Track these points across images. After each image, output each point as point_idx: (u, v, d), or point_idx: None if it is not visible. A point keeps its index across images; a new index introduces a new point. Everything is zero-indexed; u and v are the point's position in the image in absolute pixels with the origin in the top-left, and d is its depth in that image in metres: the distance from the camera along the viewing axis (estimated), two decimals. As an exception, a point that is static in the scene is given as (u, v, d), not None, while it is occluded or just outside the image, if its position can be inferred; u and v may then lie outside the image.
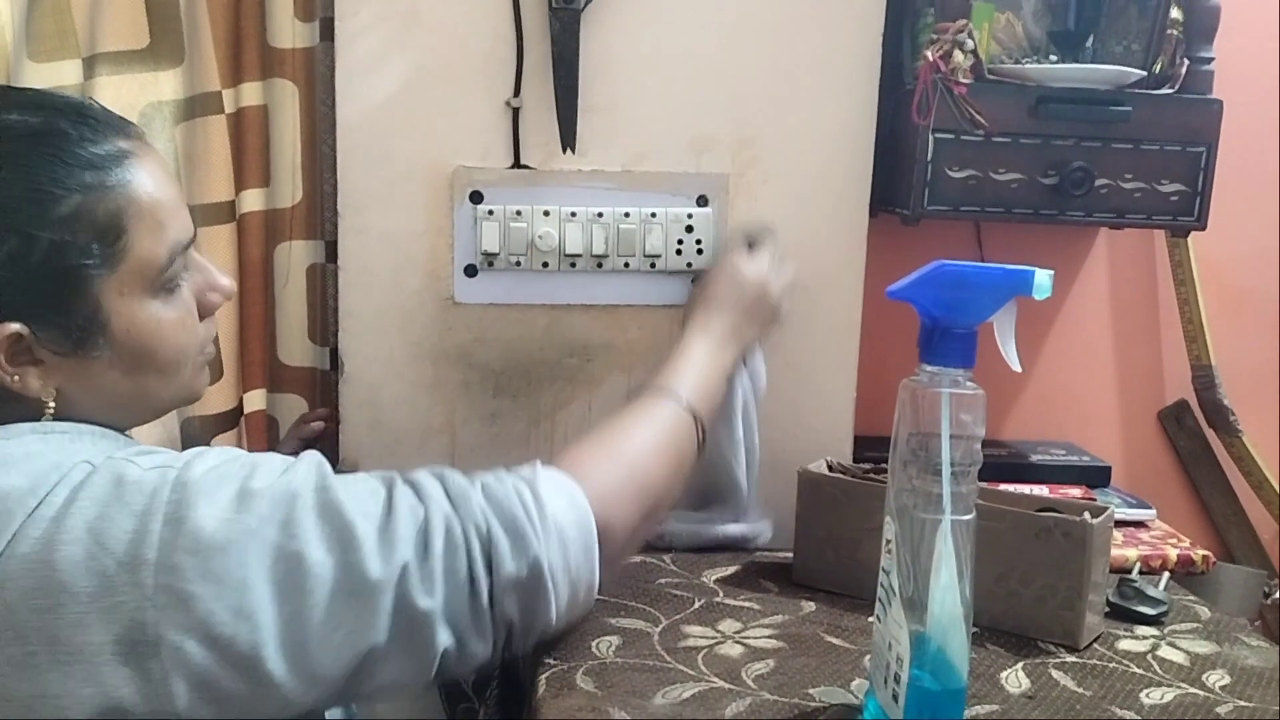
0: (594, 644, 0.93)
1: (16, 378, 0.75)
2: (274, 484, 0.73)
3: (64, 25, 1.17)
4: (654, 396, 0.97)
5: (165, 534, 0.69)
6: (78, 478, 0.71)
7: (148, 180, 0.79)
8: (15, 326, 0.74)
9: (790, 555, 1.10)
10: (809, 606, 1.03)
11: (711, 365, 1.04)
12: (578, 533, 0.79)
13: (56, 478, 0.70)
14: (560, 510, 0.79)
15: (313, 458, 0.78)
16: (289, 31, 1.20)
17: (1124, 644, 0.96)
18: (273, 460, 0.76)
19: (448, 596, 0.74)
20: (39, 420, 0.77)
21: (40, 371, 0.76)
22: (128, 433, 0.84)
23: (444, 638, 0.74)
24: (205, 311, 0.86)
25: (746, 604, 1.03)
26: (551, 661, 0.90)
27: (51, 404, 0.77)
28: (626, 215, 1.18)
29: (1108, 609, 1.01)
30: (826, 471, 1.10)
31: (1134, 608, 1.01)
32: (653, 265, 1.19)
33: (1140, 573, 1.09)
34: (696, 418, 0.97)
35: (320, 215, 1.22)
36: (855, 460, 1.20)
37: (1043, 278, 0.72)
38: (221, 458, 0.75)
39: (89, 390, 0.79)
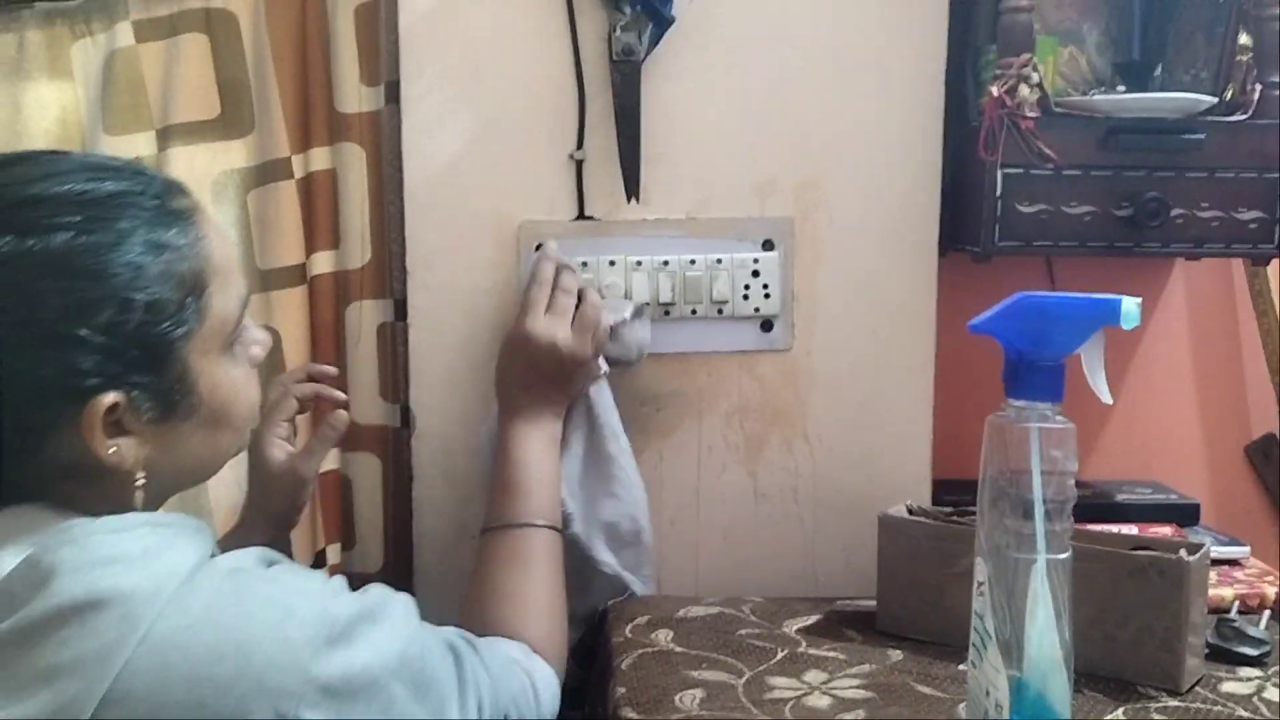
0: (677, 698, 0.91)
1: (114, 450, 0.74)
2: (399, 636, 0.77)
3: (138, 99, 1.20)
4: (524, 537, 1.03)
5: (313, 670, 0.70)
6: (210, 586, 0.70)
7: (215, 237, 0.80)
8: (113, 396, 0.72)
9: (873, 603, 1.08)
10: (896, 655, 1.01)
11: (546, 456, 1.08)
12: (552, 716, 0.93)
13: (177, 581, 0.69)
14: (548, 703, 0.92)
15: (411, 607, 0.82)
16: (355, 96, 1.22)
17: (1227, 686, 0.92)
18: (391, 598, 0.80)
19: None
20: (127, 496, 0.76)
21: (133, 443, 0.75)
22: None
23: None
24: (251, 365, 0.86)
25: (831, 654, 1.01)
26: (634, 715, 0.88)
27: (141, 477, 0.76)
28: (692, 262, 1.17)
29: (1207, 650, 0.97)
30: (907, 515, 1.08)
31: (1235, 648, 0.97)
32: (720, 311, 1.18)
33: (1239, 612, 1.05)
34: (557, 528, 1.06)
35: (389, 274, 1.23)
36: (934, 504, 1.18)
37: (1130, 306, 0.71)
38: (346, 590, 0.77)
39: (174, 457, 0.78)
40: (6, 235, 0.71)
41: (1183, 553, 0.91)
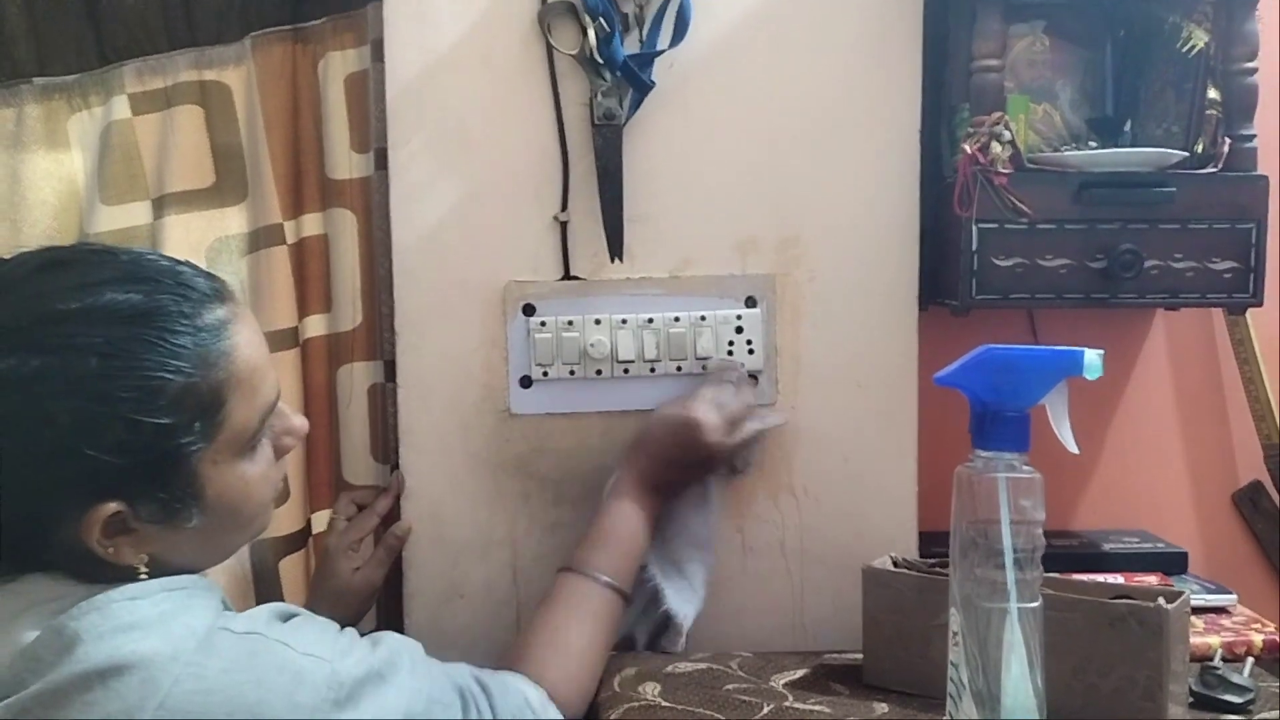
0: (662, 752, 0.91)
1: (111, 549, 0.77)
2: (404, 694, 0.80)
3: (134, 170, 1.23)
4: (590, 587, 1.06)
5: None
6: (226, 649, 0.73)
7: (245, 348, 0.81)
8: (114, 506, 0.75)
9: (859, 656, 1.08)
10: (881, 708, 1.01)
11: (648, 531, 1.11)
12: None
13: (194, 643, 0.72)
14: None
15: (422, 659, 0.85)
16: (346, 163, 1.25)
17: (1212, 734, 0.93)
18: (401, 654, 0.83)
19: None
20: (133, 576, 0.78)
21: (133, 541, 0.78)
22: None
23: None
24: (279, 454, 0.88)
25: (817, 707, 1.01)
26: (619, 771, 0.89)
27: (145, 571, 0.79)
28: (676, 320, 1.19)
29: (1192, 699, 0.97)
30: (891, 568, 1.08)
31: (1219, 696, 0.98)
32: (705, 368, 1.20)
33: (1223, 660, 1.05)
34: (625, 594, 1.08)
35: (380, 336, 1.25)
36: (921, 556, 1.18)
37: (1092, 357, 0.72)
38: (358, 648, 0.80)
39: (176, 553, 0.81)
40: (28, 353, 0.73)
41: (1161, 601, 0.92)
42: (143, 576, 0.78)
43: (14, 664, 0.71)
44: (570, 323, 1.19)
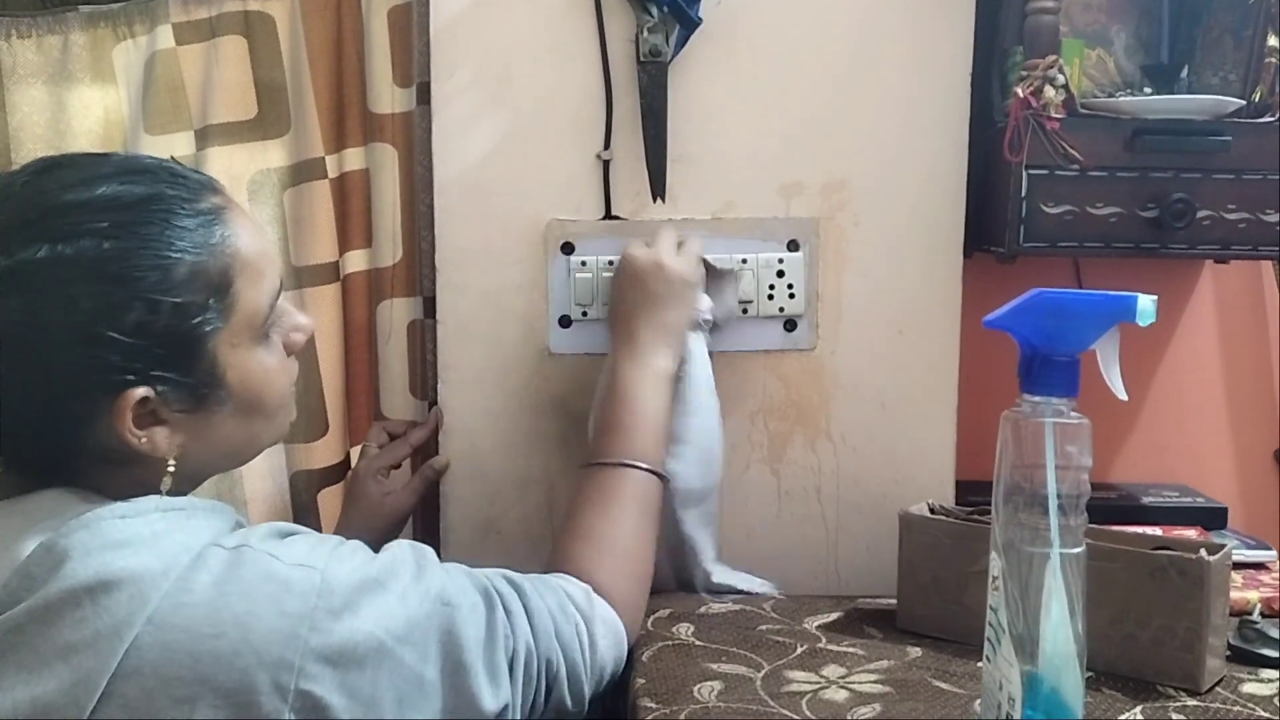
0: (696, 689, 0.92)
1: (145, 439, 0.78)
2: (408, 599, 0.78)
3: (178, 100, 1.23)
4: (612, 474, 1.03)
5: (312, 641, 0.72)
6: (215, 563, 0.73)
7: (244, 233, 0.82)
8: (142, 391, 0.76)
9: (894, 601, 1.08)
10: (915, 652, 1.01)
11: (652, 394, 1.07)
12: (614, 666, 0.93)
13: (187, 559, 0.73)
14: (606, 650, 0.92)
15: (431, 563, 0.83)
16: (388, 97, 1.24)
17: (1248, 687, 0.92)
18: (404, 560, 0.81)
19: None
20: (158, 480, 0.79)
21: (165, 431, 0.79)
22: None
23: None
24: (290, 351, 0.90)
25: (850, 649, 1.01)
26: (653, 705, 0.89)
27: (173, 463, 0.80)
28: (718, 262, 1.18)
29: (1229, 652, 0.97)
30: (928, 514, 1.08)
31: (1257, 650, 0.97)
32: (745, 311, 1.19)
33: (1262, 615, 1.05)
34: (655, 471, 1.04)
35: (419, 273, 1.25)
36: (958, 504, 1.18)
37: (1145, 303, 0.71)
38: (357, 557, 0.79)
39: (207, 443, 0.82)
40: (40, 243, 0.74)
41: (1203, 552, 0.91)
42: (169, 470, 0.79)
43: (8, 582, 0.71)
44: (611, 262, 1.18)
